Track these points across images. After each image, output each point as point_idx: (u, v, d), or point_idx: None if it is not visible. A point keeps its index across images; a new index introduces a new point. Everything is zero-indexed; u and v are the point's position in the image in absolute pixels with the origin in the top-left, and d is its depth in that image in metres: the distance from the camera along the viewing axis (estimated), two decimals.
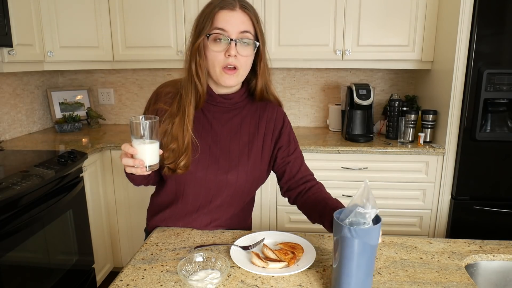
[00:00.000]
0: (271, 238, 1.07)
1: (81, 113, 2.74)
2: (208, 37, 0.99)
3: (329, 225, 0.93)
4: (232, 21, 0.98)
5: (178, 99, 1.07)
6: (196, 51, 1.01)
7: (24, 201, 1.50)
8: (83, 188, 1.98)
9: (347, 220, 0.79)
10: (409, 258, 0.99)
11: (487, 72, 1.93)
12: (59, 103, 2.70)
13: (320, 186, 1.13)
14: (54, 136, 2.45)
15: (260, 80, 1.09)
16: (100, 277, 2.20)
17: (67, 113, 2.66)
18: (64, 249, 1.82)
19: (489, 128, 2.02)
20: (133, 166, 0.91)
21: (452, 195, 2.13)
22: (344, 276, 0.79)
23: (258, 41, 1.02)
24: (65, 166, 1.76)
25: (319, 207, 1.01)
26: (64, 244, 1.82)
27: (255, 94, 1.12)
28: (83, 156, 1.93)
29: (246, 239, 1.07)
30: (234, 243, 1.04)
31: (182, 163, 1.04)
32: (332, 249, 0.83)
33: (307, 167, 1.17)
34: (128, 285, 0.88)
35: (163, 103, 1.09)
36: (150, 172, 0.94)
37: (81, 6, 2.31)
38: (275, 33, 2.31)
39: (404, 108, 2.29)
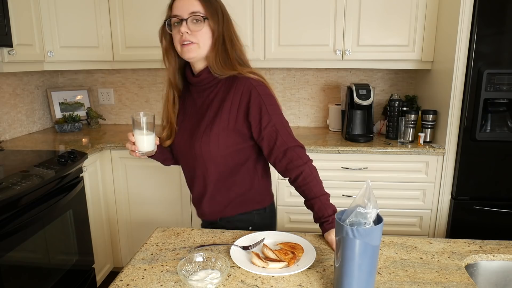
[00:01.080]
0: (271, 238, 1.07)
1: (81, 113, 2.74)
2: (167, 24, 1.20)
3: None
4: (182, 6, 1.15)
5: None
6: (160, 38, 1.24)
7: (24, 201, 1.50)
8: (83, 188, 1.98)
9: (348, 220, 0.78)
10: (409, 258, 0.99)
11: (487, 72, 1.93)
12: (59, 103, 2.70)
13: (304, 176, 1.12)
14: (54, 136, 2.45)
15: (211, 54, 1.17)
16: (100, 277, 2.20)
17: (67, 113, 2.66)
18: (64, 249, 1.82)
19: (489, 128, 2.02)
20: (134, 151, 1.18)
21: (452, 195, 2.13)
22: (346, 276, 0.79)
23: (207, 17, 1.15)
24: (65, 166, 1.76)
25: (307, 204, 1.15)
26: (64, 244, 1.82)
27: (209, 67, 1.19)
28: (83, 156, 1.93)
29: (246, 239, 1.07)
30: (234, 243, 1.04)
31: (163, 134, 1.29)
32: (334, 249, 0.83)
33: (285, 139, 1.15)
34: (128, 285, 0.88)
35: None
36: (144, 156, 1.19)
37: (81, 6, 2.31)
38: (275, 33, 2.32)
39: (404, 108, 2.29)
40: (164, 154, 1.35)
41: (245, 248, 1.02)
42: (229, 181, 1.22)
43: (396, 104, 2.28)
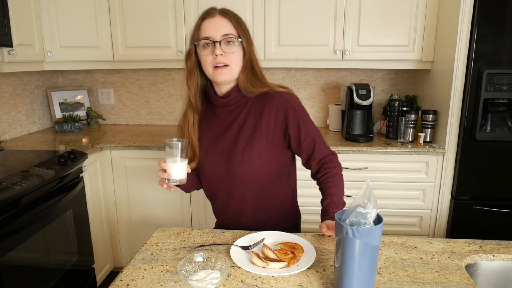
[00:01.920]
0: (271, 238, 1.07)
1: (81, 113, 2.74)
2: (196, 45, 1.15)
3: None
4: (213, 27, 1.13)
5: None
6: (187, 57, 1.19)
7: (24, 201, 1.50)
8: (83, 188, 1.98)
9: (348, 220, 0.78)
10: (409, 258, 0.99)
11: (487, 72, 1.93)
12: (59, 103, 2.70)
13: (328, 176, 1.17)
14: (54, 136, 2.45)
15: (242, 74, 1.17)
16: (100, 277, 2.20)
17: (67, 113, 2.66)
18: (64, 249, 1.82)
19: (489, 128, 2.02)
20: (164, 180, 1.12)
21: (452, 195, 2.13)
22: (346, 276, 0.79)
23: (241, 38, 1.14)
24: (65, 166, 1.76)
25: (321, 200, 1.18)
26: (64, 244, 1.82)
27: (240, 88, 1.18)
28: (83, 156, 1.93)
29: (246, 239, 1.07)
30: (234, 243, 1.04)
31: (192, 166, 1.21)
32: (334, 249, 0.83)
33: (322, 148, 1.20)
34: (128, 285, 0.88)
35: None
36: (176, 184, 1.13)
37: (81, 6, 2.31)
38: (275, 33, 2.31)
39: (404, 108, 2.29)
40: (193, 180, 1.30)
41: (245, 248, 1.02)
42: (268, 197, 1.23)
43: (396, 104, 2.28)
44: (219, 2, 2.28)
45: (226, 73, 1.14)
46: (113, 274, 2.32)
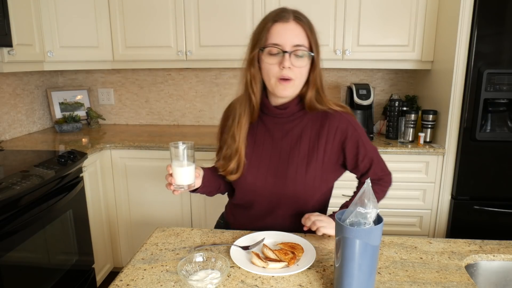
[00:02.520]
0: (271, 238, 1.07)
1: (81, 113, 2.74)
2: (262, 50, 1.04)
3: None
4: (285, 35, 1.02)
5: (234, 110, 1.15)
6: (250, 63, 1.08)
7: (24, 201, 1.50)
8: (83, 188, 1.97)
9: (348, 220, 0.79)
10: (409, 258, 0.99)
11: (487, 72, 1.93)
12: (59, 103, 2.70)
13: (370, 186, 1.15)
14: (54, 136, 2.45)
15: (311, 91, 1.08)
16: (100, 277, 2.20)
17: (67, 113, 2.66)
18: (64, 249, 1.82)
19: (489, 128, 2.02)
20: (170, 184, 1.03)
21: (452, 195, 2.13)
22: (346, 276, 0.79)
23: (312, 52, 1.05)
24: (65, 166, 1.76)
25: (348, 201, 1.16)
26: (64, 244, 1.82)
27: (305, 104, 1.10)
28: (83, 156, 1.93)
29: (246, 239, 1.07)
30: (234, 243, 1.04)
31: (230, 167, 1.12)
32: (334, 249, 0.83)
33: (376, 170, 1.17)
34: (128, 285, 0.88)
35: (229, 117, 1.18)
36: (183, 189, 1.03)
37: (81, 6, 2.31)
38: None
39: (404, 108, 2.29)
40: (216, 183, 1.20)
41: (245, 248, 1.02)
42: (307, 211, 1.14)
43: (396, 104, 2.28)
44: (219, 2, 2.30)
45: (290, 87, 1.04)
46: (113, 274, 2.32)
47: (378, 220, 0.80)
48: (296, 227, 1.14)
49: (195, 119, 2.82)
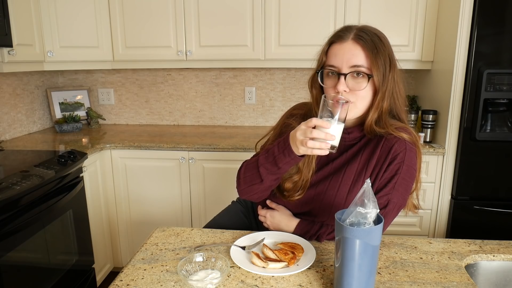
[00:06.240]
0: (271, 238, 1.07)
1: (81, 113, 2.74)
2: (319, 73, 1.03)
3: None
4: (341, 55, 0.98)
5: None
6: (311, 85, 1.08)
7: (24, 201, 1.50)
8: (83, 188, 1.98)
9: (348, 220, 0.79)
10: (409, 258, 0.99)
11: (487, 72, 1.93)
12: (59, 103, 2.70)
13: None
14: (54, 136, 2.45)
15: (372, 114, 1.01)
16: (100, 277, 2.20)
17: (67, 113, 2.66)
18: (64, 249, 1.82)
19: (489, 128, 2.02)
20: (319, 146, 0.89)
21: (452, 195, 2.13)
22: (346, 276, 0.79)
23: (371, 74, 0.97)
24: (65, 166, 1.76)
25: None
26: (64, 244, 1.82)
27: (364, 127, 1.04)
28: (83, 156, 1.93)
29: (246, 239, 1.07)
30: (234, 243, 1.04)
31: (295, 197, 1.08)
32: (334, 249, 0.83)
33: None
34: (128, 285, 0.88)
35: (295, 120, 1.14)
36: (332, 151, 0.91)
37: (81, 6, 2.31)
38: (275, 33, 2.31)
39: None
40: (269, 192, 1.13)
41: (245, 248, 1.02)
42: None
43: None
44: (219, 2, 2.30)
45: (348, 110, 0.94)
46: (113, 274, 2.32)
47: (378, 220, 0.80)
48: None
49: (195, 119, 2.82)
